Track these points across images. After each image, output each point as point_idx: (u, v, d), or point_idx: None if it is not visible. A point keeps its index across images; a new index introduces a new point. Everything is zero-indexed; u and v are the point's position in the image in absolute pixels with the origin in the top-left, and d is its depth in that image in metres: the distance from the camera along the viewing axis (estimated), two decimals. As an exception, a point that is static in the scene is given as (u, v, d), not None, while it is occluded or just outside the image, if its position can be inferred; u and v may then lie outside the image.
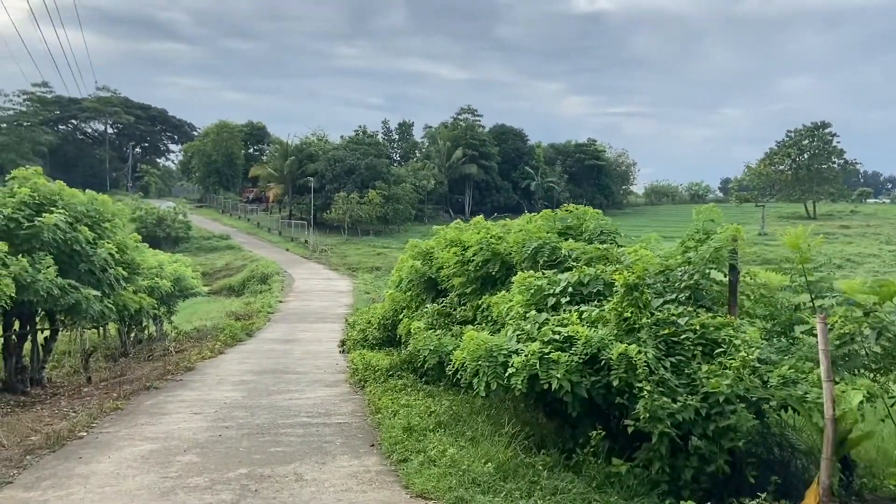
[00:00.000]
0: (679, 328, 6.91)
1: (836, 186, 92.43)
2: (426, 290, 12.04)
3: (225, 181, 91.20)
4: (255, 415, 9.97)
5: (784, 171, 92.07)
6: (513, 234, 9.64)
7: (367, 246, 63.36)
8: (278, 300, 33.96)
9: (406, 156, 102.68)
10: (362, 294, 37.40)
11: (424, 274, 11.89)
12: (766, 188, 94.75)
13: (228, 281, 48.80)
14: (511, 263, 9.62)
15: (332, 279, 45.25)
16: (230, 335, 20.43)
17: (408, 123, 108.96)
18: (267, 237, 69.30)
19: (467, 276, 10.01)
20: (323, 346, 19.16)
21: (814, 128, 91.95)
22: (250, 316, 27.45)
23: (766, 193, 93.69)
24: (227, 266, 55.26)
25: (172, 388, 12.59)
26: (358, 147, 78.37)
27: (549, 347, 6.77)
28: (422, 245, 12.85)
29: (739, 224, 9.39)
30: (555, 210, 10.55)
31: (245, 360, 16.56)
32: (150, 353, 19.34)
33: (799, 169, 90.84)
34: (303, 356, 17.15)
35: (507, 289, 9.24)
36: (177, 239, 64.37)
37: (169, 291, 21.28)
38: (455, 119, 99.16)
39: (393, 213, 72.20)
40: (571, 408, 6.79)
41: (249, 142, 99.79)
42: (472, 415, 8.49)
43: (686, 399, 6.26)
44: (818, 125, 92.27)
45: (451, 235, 11.25)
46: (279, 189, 79.84)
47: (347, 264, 53.98)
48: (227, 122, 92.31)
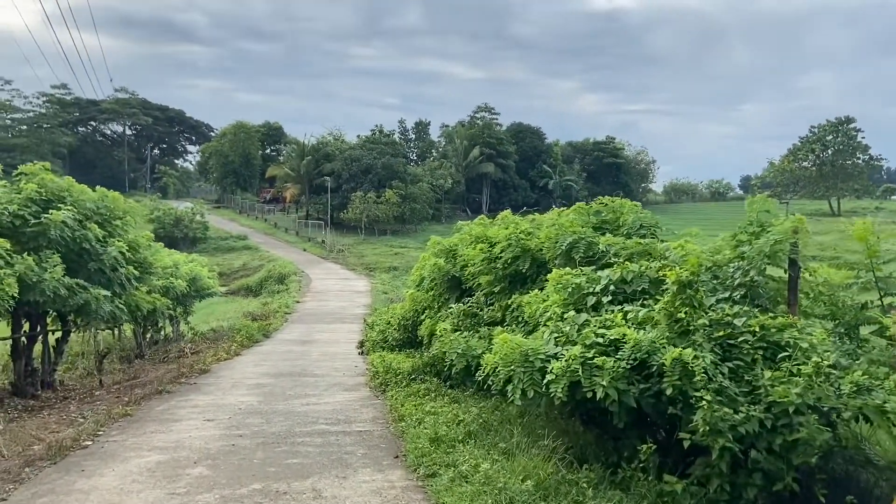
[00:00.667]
0: (736, 330, 6.22)
1: (860, 183, 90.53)
2: (449, 289, 11.42)
3: (242, 181, 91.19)
4: (271, 422, 9.40)
5: (808, 168, 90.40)
6: (544, 229, 8.99)
7: (385, 246, 62.88)
8: (295, 300, 33.52)
9: (423, 155, 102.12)
10: (380, 294, 36.90)
11: (448, 272, 11.27)
12: (790, 185, 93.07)
13: (246, 281, 48.53)
14: (542, 260, 8.98)
15: (350, 279, 44.79)
16: (246, 336, 19.96)
17: (424, 123, 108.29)
18: (284, 237, 69.04)
19: (495, 275, 9.37)
20: (341, 348, 18.61)
21: (838, 123, 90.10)
22: (267, 316, 27.01)
23: (789, 190, 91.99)
24: (245, 266, 55.00)
25: (185, 392, 12.07)
26: (374, 146, 77.87)
27: (593, 352, 6.11)
28: (445, 242, 12.23)
29: None
30: (588, 203, 9.90)
31: (261, 362, 16.04)
32: (165, 355, 18.90)
33: (823, 165, 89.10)
34: (320, 358, 16.60)
35: (539, 287, 8.60)
36: (194, 239, 64.30)
37: (184, 292, 20.82)
38: (472, 117, 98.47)
39: (410, 213, 71.66)
40: (617, 418, 6.13)
41: (266, 142, 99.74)
42: (503, 424, 7.85)
43: (749, 409, 5.58)
44: (842, 120, 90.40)
45: (476, 231, 10.62)
46: (296, 189, 79.62)
47: (365, 264, 53.52)
48: (243, 122, 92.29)
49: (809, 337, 6.05)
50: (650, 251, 7.90)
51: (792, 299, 6.82)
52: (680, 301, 6.05)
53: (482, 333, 8.63)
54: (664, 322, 6.18)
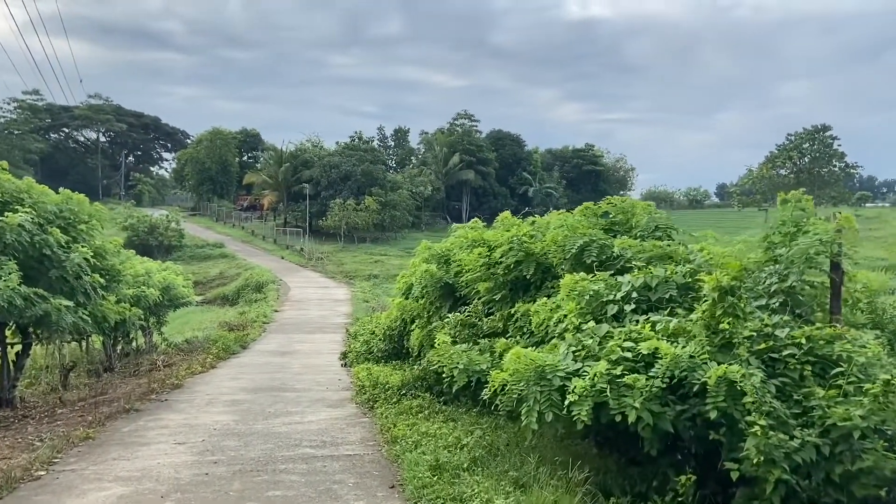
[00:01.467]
0: (779, 342, 5.51)
1: (836, 190, 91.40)
2: (442, 297, 10.61)
3: (219, 189, 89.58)
4: (249, 445, 8.50)
5: (786, 175, 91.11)
6: (551, 231, 8.24)
7: (364, 253, 61.90)
8: (274, 309, 32.47)
9: (402, 162, 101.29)
10: (361, 302, 35.97)
11: (440, 279, 10.46)
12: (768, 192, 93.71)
13: (222, 290, 47.30)
14: (547, 265, 8.23)
15: (329, 287, 43.77)
16: (223, 347, 18.96)
17: (403, 130, 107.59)
18: (262, 245, 67.69)
19: (495, 281, 8.60)
20: (323, 359, 17.69)
21: (814, 131, 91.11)
22: (244, 326, 25.95)
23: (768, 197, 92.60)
24: (221, 275, 53.68)
25: (155, 411, 11.11)
26: (354, 153, 76.87)
27: (620, 368, 5.35)
28: (436, 247, 11.42)
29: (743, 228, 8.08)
30: (597, 203, 9.17)
31: (238, 375, 15.08)
32: (136, 368, 17.82)
33: (800, 172, 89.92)
34: (301, 370, 15.68)
35: (546, 295, 7.85)
36: (169, 247, 62.75)
37: (157, 301, 19.77)
38: (452, 124, 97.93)
39: (390, 220, 70.73)
40: (649, 444, 5.38)
41: (243, 149, 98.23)
42: (510, 447, 7.05)
43: (804, 434, 4.86)
44: (818, 128, 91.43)
45: (472, 235, 9.84)
46: (274, 196, 78.31)
47: (344, 272, 52.52)
48: (220, 128, 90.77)
49: (864, 350, 5.35)
50: (671, 255, 7.17)
51: (835, 307, 6.13)
52: (721, 310, 5.32)
53: (482, 346, 7.84)
54: (702, 334, 5.44)
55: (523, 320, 7.78)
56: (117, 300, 13.73)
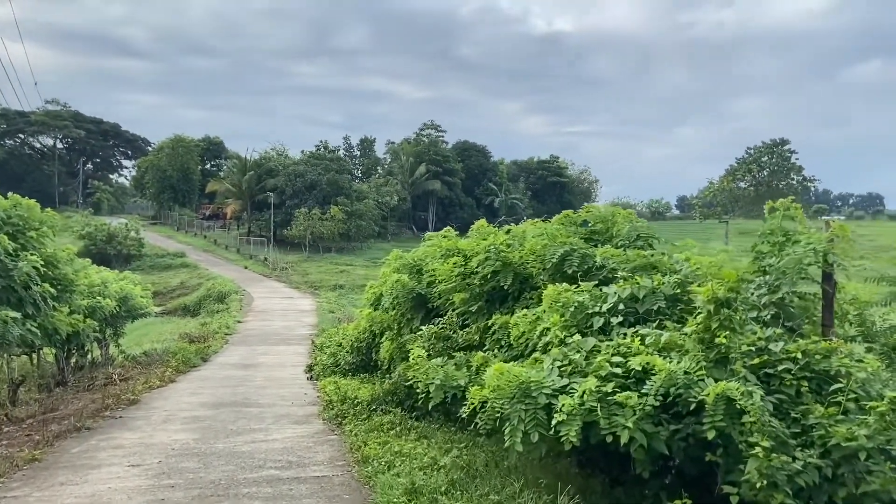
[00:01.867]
0: (773, 357, 5.25)
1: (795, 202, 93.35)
2: (414, 308, 10.21)
3: (180, 197, 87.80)
4: (210, 466, 7.97)
5: (745, 188, 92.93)
6: (529, 240, 7.92)
7: (329, 263, 61.13)
8: (237, 320, 31.63)
9: (368, 172, 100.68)
10: (326, 313, 35.34)
11: (413, 290, 10.06)
12: (729, 204, 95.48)
13: (183, 300, 46.15)
14: (526, 276, 7.90)
15: (294, 298, 42.97)
16: (182, 360, 18.24)
17: (369, 139, 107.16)
18: (224, 254, 66.39)
19: (471, 292, 8.24)
20: (287, 372, 17.12)
21: (773, 144, 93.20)
22: (206, 338, 25.14)
23: (728, 210, 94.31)
24: (182, 285, 52.44)
25: (109, 429, 10.48)
26: (319, 162, 76.07)
27: (611, 385, 5.03)
28: (408, 257, 11.02)
29: (704, 240, 7.94)
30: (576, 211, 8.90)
31: (199, 389, 14.45)
32: (90, 382, 16.97)
33: (759, 185, 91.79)
34: (265, 384, 15.11)
35: (524, 306, 7.52)
36: (129, 257, 61.11)
37: (114, 312, 18.99)
38: (418, 135, 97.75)
39: (355, 230, 70.04)
40: (641, 466, 5.06)
41: (206, 157, 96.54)
42: (489, 468, 6.68)
43: (805, 456, 4.59)
44: (777, 142, 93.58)
45: (447, 244, 9.47)
46: (237, 205, 76.99)
47: (309, 282, 51.74)
48: (182, 136, 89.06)
49: (863, 365, 5.12)
50: (655, 264, 6.90)
51: (827, 319, 5.91)
52: (717, 323, 5.04)
53: (458, 359, 7.47)
54: (696, 349, 5.15)
55: (501, 333, 7.43)
56: (70, 311, 13.03)
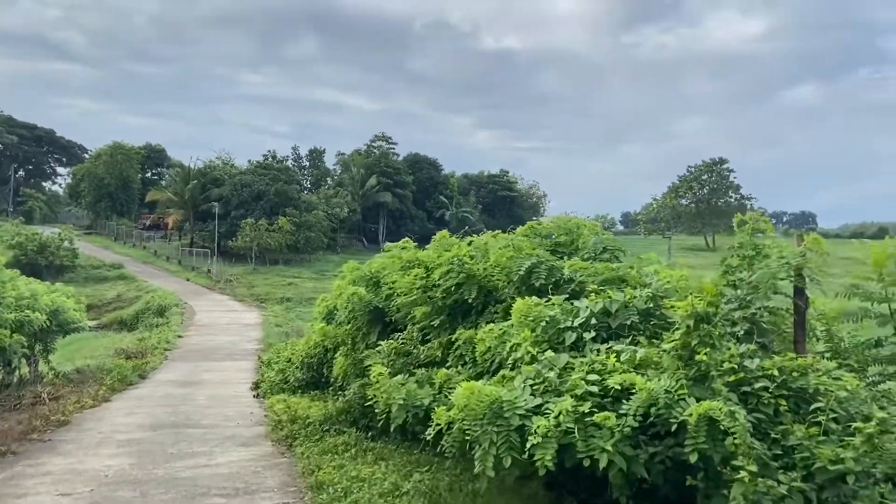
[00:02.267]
0: (750, 374, 5.07)
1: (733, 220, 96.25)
2: (371, 322, 9.79)
3: (119, 206, 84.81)
4: (147, 495, 7.37)
5: (686, 205, 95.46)
6: (495, 251, 7.64)
7: (277, 276, 59.80)
8: (177, 335, 30.42)
9: (317, 183, 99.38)
10: (273, 327, 34.38)
11: (370, 303, 9.64)
12: (671, 220, 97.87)
13: (120, 314, 44.34)
14: (490, 289, 7.61)
15: (239, 311, 41.77)
16: (118, 378, 17.29)
17: (319, 150, 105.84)
18: (165, 266, 64.28)
19: (433, 306, 7.89)
20: (232, 390, 16.39)
21: (712, 163, 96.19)
22: (144, 353, 24.01)
23: (671, 226, 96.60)
24: (119, 297, 50.48)
25: (36, 453, 9.69)
26: (267, 172, 74.66)
27: (587, 405, 4.75)
28: (365, 268, 10.60)
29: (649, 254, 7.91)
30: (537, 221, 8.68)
31: (136, 409, 13.65)
32: (17, 402, 15.89)
33: (700, 202, 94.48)
34: (208, 403, 14.38)
35: (488, 320, 7.22)
36: (62, 268, 58.47)
37: (44, 326, 17.94)
38: (369, 146, 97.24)
39: (304, 242, 68.83)
40: (618, 491, 4.79)
41: (147, 165, 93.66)
42: (454, 493, 6.32)
43: (790, 479, 4.39)
44: (716, 161, 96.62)
45: (407, 255, 9.11)
46: (179, 215, 74.82)
47: (255, 295, 50.44)
48: (121, 143, 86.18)
49: (842, 383, 4.97)
50: (624, 277, 6.70)
51: (799, 335, 5.78)
52: (697, 339, 4.82)
53: (419, 376, 7.10)
54: (674, 366, 4.92)
55: (465, 348, 7.10)
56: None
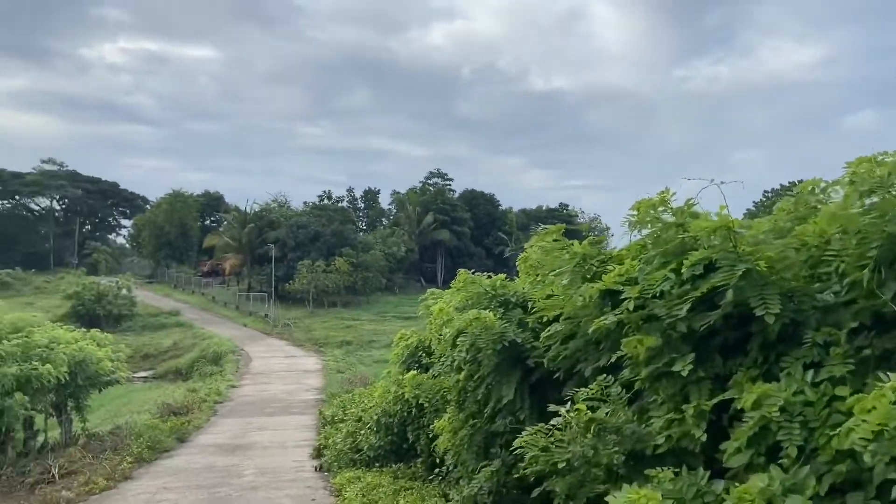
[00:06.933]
0: None
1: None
2: (501, 368, 5.88)
3: (178, 254, 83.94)
4: None
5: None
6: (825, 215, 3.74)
7: (335, 318, 56.76)
8: (230, 384, 27.17)
9: (372, 224, 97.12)
10: (334, 373, 30.89)
11: (502, 336, 5.73)
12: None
13: (175, 363, 41.78)
14: (801, 297, 3.68)
15: (297, 357, 38.52)
16: (148, 444, 13.82)
17: (373, 191, 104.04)
18: (223, 312, 62.04)
19: (666, 335, 3.96)
20: (289, 458, 12.72)
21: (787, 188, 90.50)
22: (189, 409, 20.68)
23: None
24: (176, 346, 48.06)
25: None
26: (322, 213, 72.53)
27: None
28: (490, 283, 6.63)
29: None
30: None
31: (159, 494, 10.05)
32: (22, 479, 12.55)
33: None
34: (257, 480, 10.72)
35: (811, 363, 3.31)
36: (119, 317, 56.81)
37: (64, 380, 14.74)
38: (424, 184, 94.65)
39: (362, 283, 65.81)
40: None
41: (206, 212, 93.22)
42: None
43: None
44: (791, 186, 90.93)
45: (583, 249, 5.14)
46: (237, 260, 73.01)
47: (313, 339, 47.35)
48: (181, 191, 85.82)
49: None
50: None
51: None
52: None
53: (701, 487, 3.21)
54: None
55: (769, 421, 3.21)
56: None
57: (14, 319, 14.41)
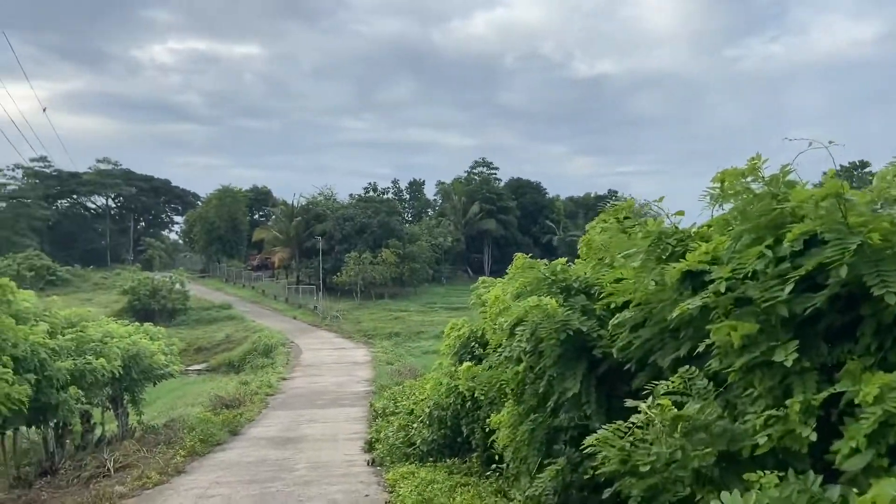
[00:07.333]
0: None
1: None
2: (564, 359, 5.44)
3: (229, 248, 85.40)
4: None
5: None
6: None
7: (383, 310, 56.86)
8: (281, 377, 27.32)
9: (418, 215, 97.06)
10: (383, 365, 30.77)
11: (566, 325, 5.28)
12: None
13: (227, 356, 42.33)
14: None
15: (346, 348, 38.63)
16: (200, 437, 13.79)
17: (419, 182, 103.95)
18: (272, 305, 62.83)
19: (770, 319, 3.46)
20: (340, 451, 12.51)
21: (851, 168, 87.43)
22: (241, 402, 20.76)
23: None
24: (228, 339, 48.78)
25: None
26: (369, 205, 72.71)
27: None
28: (549, 269, 6.22)
29: None
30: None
31: (212, 487, 9.93)
32: (78, 474, 12.64)
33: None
34: (309, 474, 10.51)
35: None
36: (173, 311, 58.09)
37: (118, 374, 14.84)
38: (469, 173, 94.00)
39: (409, 274, 65.78)
40: None
41: (254, 207, 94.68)
42: None
43: None
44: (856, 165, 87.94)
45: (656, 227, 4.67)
46: (285, 253, 73.88)
47: (362, 331, 47.48)
48: (230, 187, 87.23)
49: None
50: None
51: None
52: None
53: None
54: None
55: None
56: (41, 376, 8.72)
57: (69, 314, 14.52)
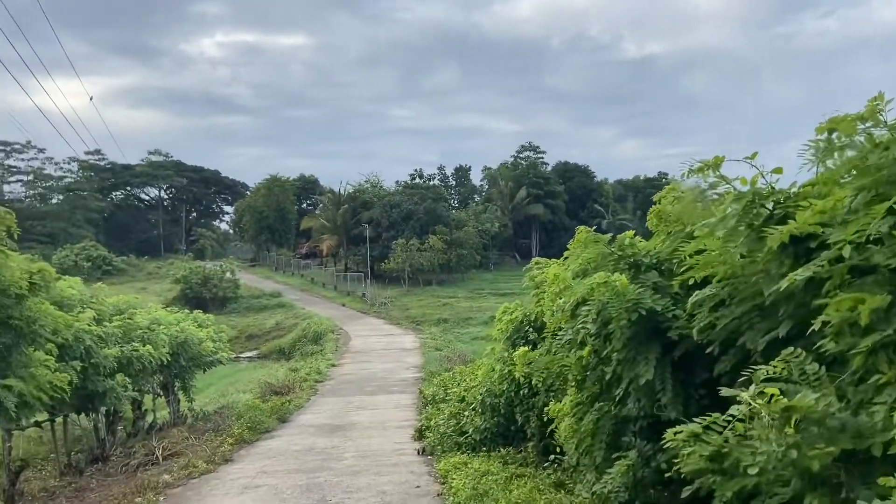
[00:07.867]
0: None
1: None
2: (636, 341, 4.88)
3: (277, 237, 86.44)
4: None
5: None
6: None
7: (431, 297, 56.61)
8: (330, 363, 27.25)
9: (465, 201, 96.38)
10: (432, 351, 30.43)
11: (638, 304, 4.67)
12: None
13: (278, 342, 42.73)
14: None
15: (395, 335, 38.45)
16: (249, 425, 13.60)
17: (465, 168, 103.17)
18: (321, 292, 63.28)
19: (886, 285, 2.96)
20: (389, 440, 12.14)
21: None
22: (291, 388, 20.69)
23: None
24: (278, 326, 49.28)
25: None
26: (415, 192, 72.44)
27: None
28: (617, 243, 5.59)
29: None
30: None
31: (258, 477, 9.64)
32: (127, 461, 12.57)
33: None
34: (357, 464, 10.15)
35: None
36: (225, 299, 58.98)
37: (167, 362, 14.78)
38: (516, 158, 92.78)
39: (456, 260, 65.29)
40: None
41: (301, 196, 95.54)
42: None
43: None
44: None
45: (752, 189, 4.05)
46: (333, 241, 74.30)
47: (410, 317, 47.31)
48: (277, 176, 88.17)
49: None
50: None
51: None
52: None
53: None
54: None
55: None
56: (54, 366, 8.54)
57: (116, 301, 14.49)
